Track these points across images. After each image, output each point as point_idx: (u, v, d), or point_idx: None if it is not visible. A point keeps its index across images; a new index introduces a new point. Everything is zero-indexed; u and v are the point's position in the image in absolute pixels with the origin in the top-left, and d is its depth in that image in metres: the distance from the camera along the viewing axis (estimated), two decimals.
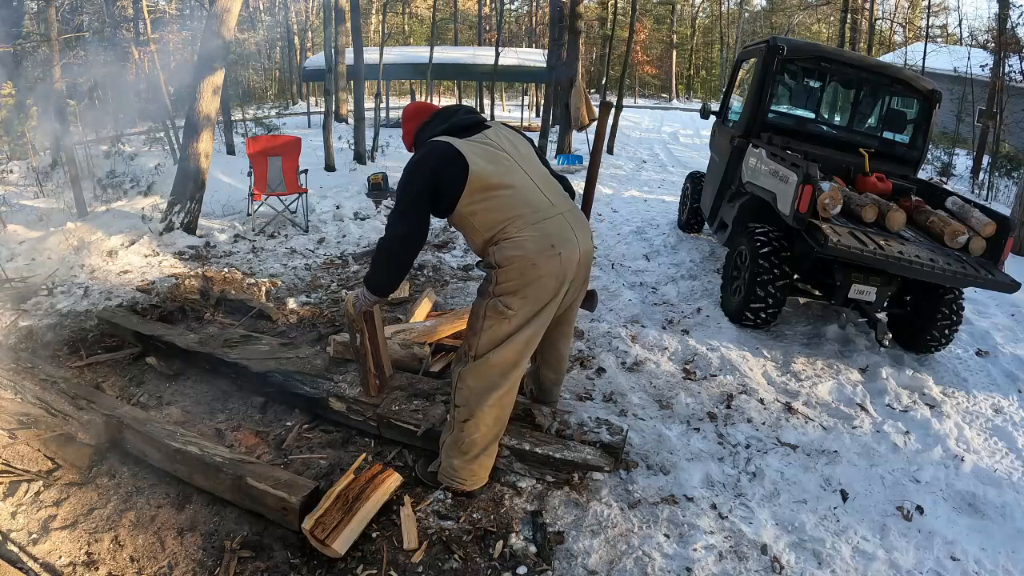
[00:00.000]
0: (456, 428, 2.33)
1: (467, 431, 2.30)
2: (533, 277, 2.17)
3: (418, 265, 5.16)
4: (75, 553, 2.08)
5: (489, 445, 2.36)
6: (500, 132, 2.36)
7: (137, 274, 4.67)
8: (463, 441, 2.32)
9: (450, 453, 2.36)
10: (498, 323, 2.22)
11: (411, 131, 2.45)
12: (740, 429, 3.01)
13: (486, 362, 2.25)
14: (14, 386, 2.62)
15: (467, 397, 2.28)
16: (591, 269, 2.53)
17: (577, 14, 10.72)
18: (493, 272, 2.21)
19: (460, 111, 2.39)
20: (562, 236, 2.21)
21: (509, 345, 2.24)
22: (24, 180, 7.53)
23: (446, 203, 2.20)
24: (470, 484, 2.38)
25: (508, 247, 2.17)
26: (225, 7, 5.56)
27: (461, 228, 2.29)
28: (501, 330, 2.22)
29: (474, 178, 2.15)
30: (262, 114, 16.05)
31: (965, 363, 4.01)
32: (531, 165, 2.34)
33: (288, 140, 6.72)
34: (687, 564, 2.14)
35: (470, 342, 2.28)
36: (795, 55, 4.78)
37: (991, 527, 2.47)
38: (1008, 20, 10.78)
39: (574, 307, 2.56)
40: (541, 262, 2.17)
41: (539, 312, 2.23)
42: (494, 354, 2.24)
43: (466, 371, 2.28)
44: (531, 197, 2.23)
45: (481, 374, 2.26)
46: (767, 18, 33.09)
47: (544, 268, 2.17)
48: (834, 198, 3.79)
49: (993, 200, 9.59)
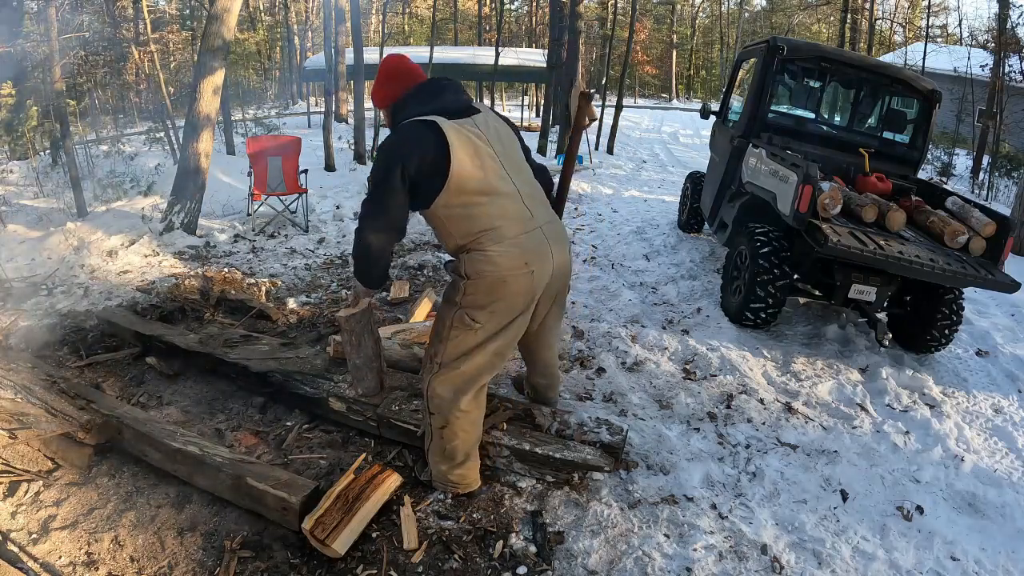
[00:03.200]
0: (435, 435, 2.30)
1: (446, 438, 2.27)
2: (502, 294, 2.10)
3: (418, 265, 5.16)
4: (75, 553, 2.08)
5: (471, 448, 2.34)
6: (489, 121, 2.21)
7: (137, 274, 4.67)
8: (444, 448, 2.29)
9: (436, 460, 2.34)
10: (464, 334, 2.15)
11: (390, 96, 2.22)
12: (740, 429, 3.01)
13: (454, 370, 2.19)
14: (14, 386, 2.61)
15: (439, 405, 2.23)
16: (570, 280, 2.50)
17: (577, 14, 10.72)
18: (461, 282, 2.12)
19: (448, 89, 2.19)
20: (538, 252, 2.14)
21: (478, 354, 2.18)
22: (24, 180, 7.53)
23: (421, 199, 2.09)
24: (463, 488, 2.37)
25: (480, 260, 2.08)
26: (225, 7, 5.55)
27: (433, 226, 2.20)
28: (467, 341, 2.16)
29: (455, 179, 2.03)
30: (262, 114, 16.05)
31: (965, 363, 4.01)
32: (515, 166, 2.22)
33: (288, 140, 6.72)
34: (687, 564, 2.14)
35: (436, 348, 2.22)
36: (795, 55, 4.78)
37: (991, 527, 2.47)
38: (1008, 20, 10.78)
39: (552, 320, 2.51)
40: (512, 280, 2.09)
41: (508, 325, 2.16)
42: (462, 362, 2.18)
43: (435, 379, 2.22)
44: (511, 208, 2.12)
45: (450, 381, 2.21)
46: (767, 18, 33.10)
47: (514, 286, 2.10)
48: (834, 198, 3.79)
49: (993, 200, 9.59)
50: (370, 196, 2.12)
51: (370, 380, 2.72)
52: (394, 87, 2.21)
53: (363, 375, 2.70)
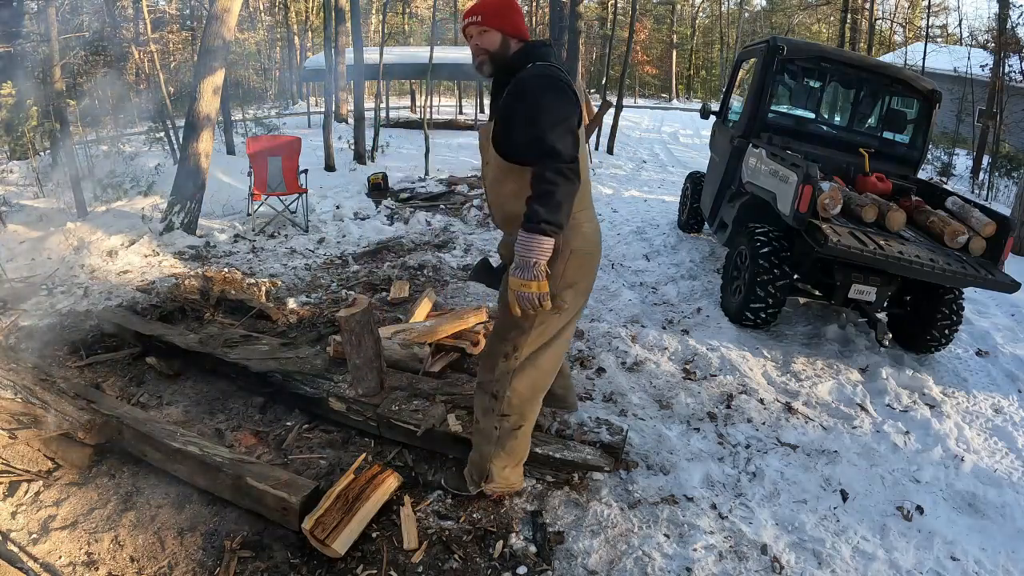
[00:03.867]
0: (508, 437, 2.18)
1: (519, 438, 2.20)
2: (588, 271, 2.04)
3: (418, 265, 5.16)
4: (75, 553, 2.08)
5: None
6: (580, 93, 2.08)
7: (137, 274, 4.67)
8: (517, 449, 2.22)
9: (500, 460, 2.24)
10: (550, 318, 2.01)
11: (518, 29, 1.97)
12: (740, 429, 3.01)
13: (535, 366, 2.09)
14: (14, 386, 2.61)
15: (518, 404, 2.12)
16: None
17: (577, 14, 10.72)
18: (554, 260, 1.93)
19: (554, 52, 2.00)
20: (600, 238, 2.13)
21: (556, 341, 2.08)
22: (24, 180, 7.54)
23: None
24: (517, 486, 2.35)
25: (576, 235, 1.97)
26: (225, 7, 5.56)
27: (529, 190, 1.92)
28: (551, 327, 2.04)
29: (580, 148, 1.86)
30: (262, 114, 16.05)
31: (965, 363, 4.01)
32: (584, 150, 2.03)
33: (288, 140, 6.72)
34: (687, 564, 2.14)
35: (516, 341, 2.05)
36: (795, 55, 4.78)
37: (991, 527, 2.47)
38: (1008, 20, 10.78)
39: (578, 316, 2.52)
40: (595, 257, 2.06)
41: (580, 309, 2.11)
42: (542, 355, 2.08)
43: (516, 377, 2.09)
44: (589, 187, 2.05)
45: (531, 378, 2.10)
46: (767, 18, 33.09)
47: (594, 263, 2.07)
48: (834, 198, 3.79)
49: (993, 200, 9.59)
50: (559, 136, 1.79)
51: (370, 380, 2.72)
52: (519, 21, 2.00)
53: (363, 375, 2.70)
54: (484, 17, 1.96)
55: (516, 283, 1.85)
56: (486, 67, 2.01)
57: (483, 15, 1.96)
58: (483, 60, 2.01)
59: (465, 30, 2.01)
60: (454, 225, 6.65)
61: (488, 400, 2.14)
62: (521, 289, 1.84)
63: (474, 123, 17.32)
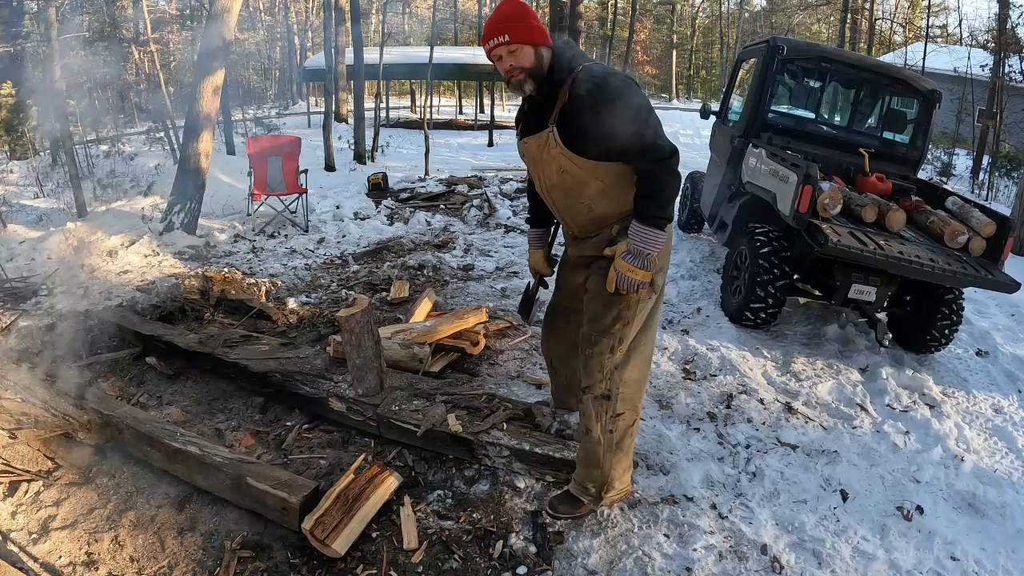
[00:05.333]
0: (625, 436, 2.15)
1: (634, 435, 2.18)
2: (669, 254, 2.13)
3: (418, 265, 5.16)
4: (75, 553, 2.08)
5: None
6: None
7: (137, 274, 4.67)
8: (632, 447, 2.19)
9: (622, 465, 2.21)
10: (646, 304, 2.06)
11: (544, 35, 1.91)
12: (740, 429, 3.01)
13: (639, 351, 2.11)
14: (14, 386, 2.62)
15: (630, 396, 2.11)
16: None
17: (577, 14, 10.73)
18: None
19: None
20: None
21: (651, 324, 2.12)
22: (24, 180, 7.54)
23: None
24: (630, 491, 2.35)
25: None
26: (225, 7, 5.56)
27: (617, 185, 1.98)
28: (646, 310, 2.08)
29: None
30: (262, 114, 16.06)
31: (965, 363, 4.01)
32: None
33: (288, 140, 6.73)
34: (687, 564, 2.14)
35: (620, 334, 2.04)
36: (795, 55, 4.78)
37: (991, 527, 2.47)
38: (1008, 20, 10.78)
39: None
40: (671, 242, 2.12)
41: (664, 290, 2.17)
42: (642, 339, 2.10)
43: (626, 368, 2.08)
44: None
45: (638, 364, 2.11)
46: (767, 18, 33.07)
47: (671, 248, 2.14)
48: (834, 198, 3.79)
49: (993, 200, 9.59)
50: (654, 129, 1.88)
51: (370, 380, 2.72)
52: (542, 26, 1.94)
53: (363, 375, 2.70)
54: (513, 35, 1.86)
55: (625, 267, 1.96)
56: (527, 85, 1.93)
57: (510, 33, 1.85)
58: (521, 80, 1.92)
59: (492, 52, 1.91)
60: (454, 225, 6.65)
61: (600, 404, 2.11)
62: (629, 274, 1.95)
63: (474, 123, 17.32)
